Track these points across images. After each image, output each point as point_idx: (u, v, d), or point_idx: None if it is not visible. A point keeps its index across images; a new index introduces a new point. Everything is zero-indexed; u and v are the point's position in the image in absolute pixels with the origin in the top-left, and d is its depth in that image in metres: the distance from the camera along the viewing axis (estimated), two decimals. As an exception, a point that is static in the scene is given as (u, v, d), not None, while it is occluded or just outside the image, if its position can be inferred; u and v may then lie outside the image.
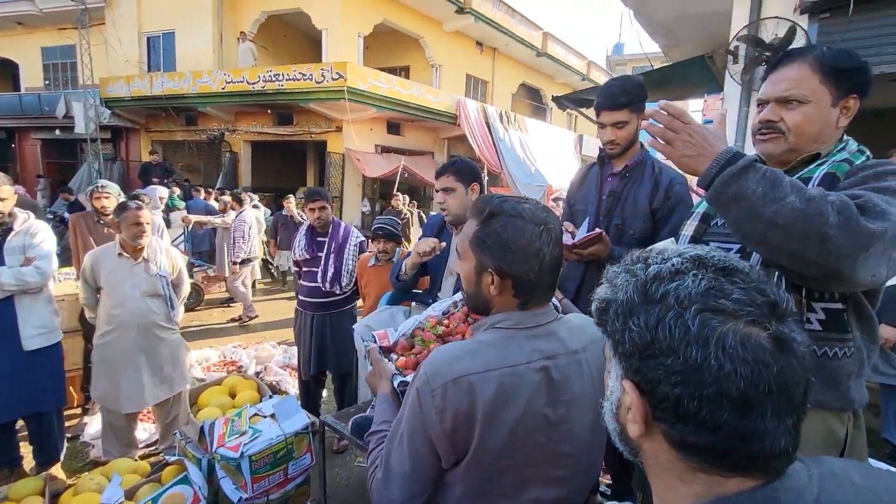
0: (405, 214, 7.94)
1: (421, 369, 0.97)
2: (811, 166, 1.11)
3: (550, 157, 13.67)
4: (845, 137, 1.14)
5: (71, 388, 3.47)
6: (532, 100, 18.75)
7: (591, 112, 5.93)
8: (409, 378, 1.24)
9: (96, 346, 2.63)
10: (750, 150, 3.85)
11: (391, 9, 12.13)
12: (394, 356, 1.42)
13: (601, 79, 19.48)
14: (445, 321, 1.52)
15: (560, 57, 17.35)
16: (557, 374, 0.97)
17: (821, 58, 1.07)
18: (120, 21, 12.76)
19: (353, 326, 1.98)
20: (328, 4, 11.18)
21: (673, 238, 1.28)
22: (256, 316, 6.08)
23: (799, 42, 3.39)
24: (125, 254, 2.60)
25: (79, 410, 3.48)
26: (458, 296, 1.60)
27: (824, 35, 3.44)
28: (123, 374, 2.59)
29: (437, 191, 1.99)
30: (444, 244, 1.95)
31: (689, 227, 1.29)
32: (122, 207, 2.58)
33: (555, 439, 0.98)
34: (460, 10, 12.84)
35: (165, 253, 2.77)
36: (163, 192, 5.64)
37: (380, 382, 1.28)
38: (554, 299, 1.20)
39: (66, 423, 3.08)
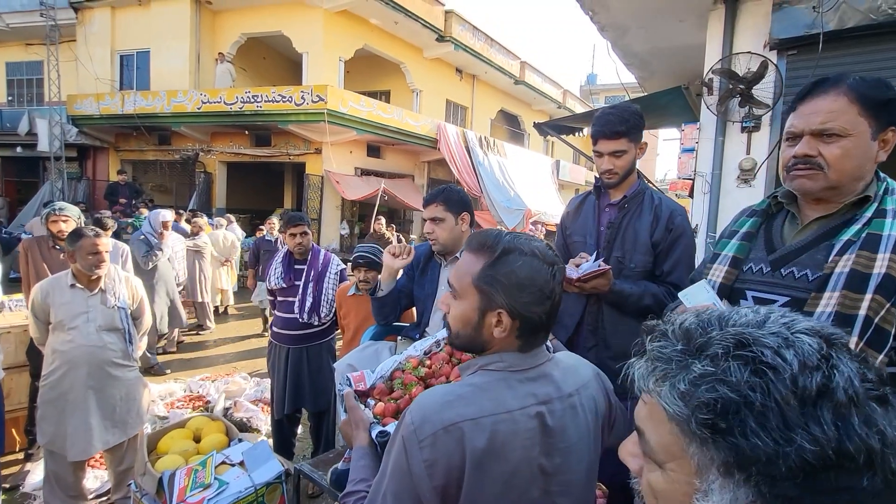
0: (388, 239, 7.78)
1: (406, 417, 0.85)
2: (866, 214, 1.02)
3: (529, 182, 13.87)
4: (882, 175, 1.07)
5: (13, 430, 3.14)
6: (510, 125, 19.14)
7: (570, 138, 6.04)
8: (388, 428, 1.10)
9: (42, 387, 2.36)
10: (729, 179, 3.86)
11: (372, 35, 12.25)
12: (371, 401, 1.28)
13: (576, 107, 20.09)
14: (428, 361, 1.39)
15: (537, 85, 17.84)
16: (552, 421, 0.89)
17: (856, 88, 1.00)
18: (92, 38, 12.47)
19: (334, 365, 1.82)
20: (309, 28, 11.20)
21: (706, 280, 1.17)
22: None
23: (770, 76, 3.50)
24: (79, 285, 2.38)
25: (21, 455, 3.13)
26: (441, 334, 1.47)
27: (793, 70, 3.56)
28: (70, 418, 2.32)
29: (424, 220, 1.89)
30: (411, 248, 1.89)
31: (717, 272, 1.19)
32: (76, 235, 2.33)
33: (551, 492, 0.90)
34: (441, 39, 13.09)
35: (125, 282, 2.55)
36: (166, 214, 4.99)
37: (356, 433, 1.13)
38: None
39: (6, 471, 2.78)
